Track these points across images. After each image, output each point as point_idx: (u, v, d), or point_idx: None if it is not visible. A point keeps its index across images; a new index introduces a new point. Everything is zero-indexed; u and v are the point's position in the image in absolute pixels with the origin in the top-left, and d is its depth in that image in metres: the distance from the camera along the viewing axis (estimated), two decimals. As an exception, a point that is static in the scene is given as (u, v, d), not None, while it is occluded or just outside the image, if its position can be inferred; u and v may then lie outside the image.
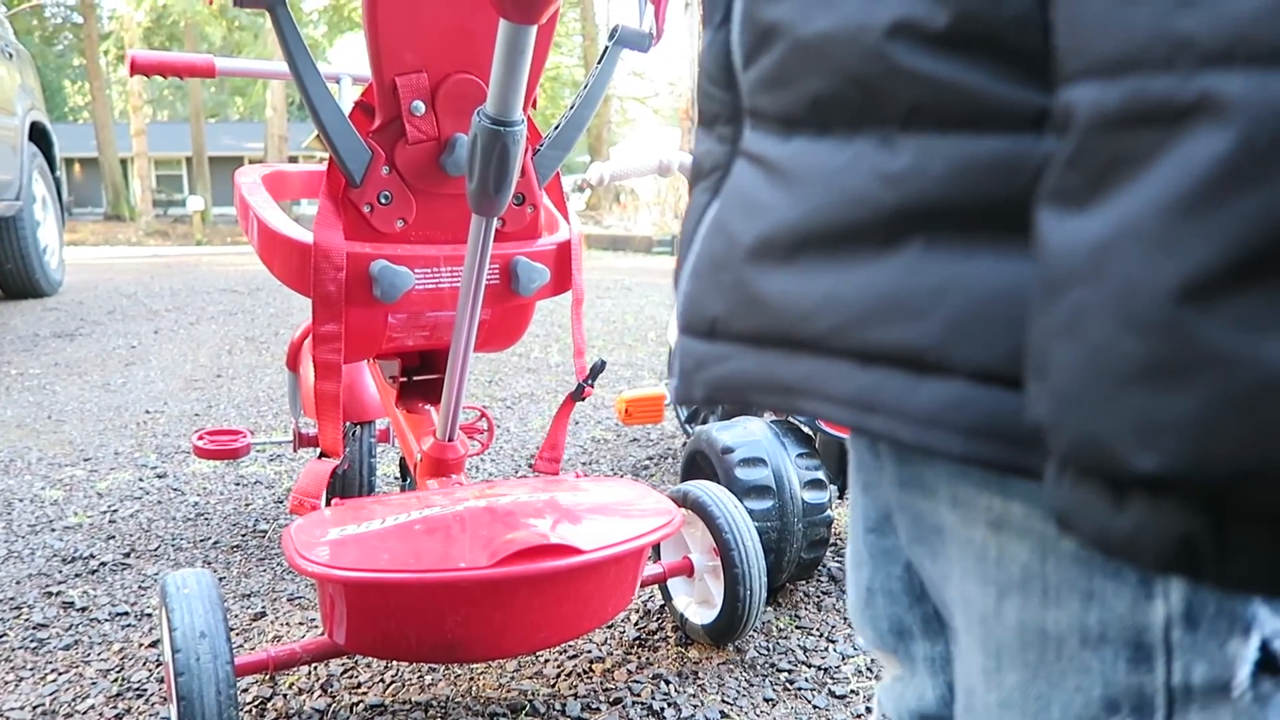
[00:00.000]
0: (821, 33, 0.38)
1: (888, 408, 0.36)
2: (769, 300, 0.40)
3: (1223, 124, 0.25)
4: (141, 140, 18.42)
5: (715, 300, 0.44)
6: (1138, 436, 0.27)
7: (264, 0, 1.05)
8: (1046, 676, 0.39)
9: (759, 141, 0.43)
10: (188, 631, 1.05)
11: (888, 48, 0.35)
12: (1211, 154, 0.25)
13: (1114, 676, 0.37)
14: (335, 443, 1.27)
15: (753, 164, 0.43)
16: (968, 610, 0.42)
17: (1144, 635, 0.36)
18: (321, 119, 1.14)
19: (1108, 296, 0.27)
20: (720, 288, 0.43)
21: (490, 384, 3.39)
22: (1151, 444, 0.26)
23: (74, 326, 4.45)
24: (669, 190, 12.82)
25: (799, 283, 0.39)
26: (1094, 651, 0.37)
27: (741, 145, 0.44)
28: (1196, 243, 0.25)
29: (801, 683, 1.34)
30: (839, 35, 0.37)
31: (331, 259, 1.16)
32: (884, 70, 0.35)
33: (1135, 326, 0.26)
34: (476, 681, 1.34)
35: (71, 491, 2.19)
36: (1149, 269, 0.26)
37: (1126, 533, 0.28)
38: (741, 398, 0.43)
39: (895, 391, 0.36)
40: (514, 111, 0.99)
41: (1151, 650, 0.36)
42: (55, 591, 1.65)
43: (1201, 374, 0.25)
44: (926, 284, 0.35)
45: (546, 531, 1.11)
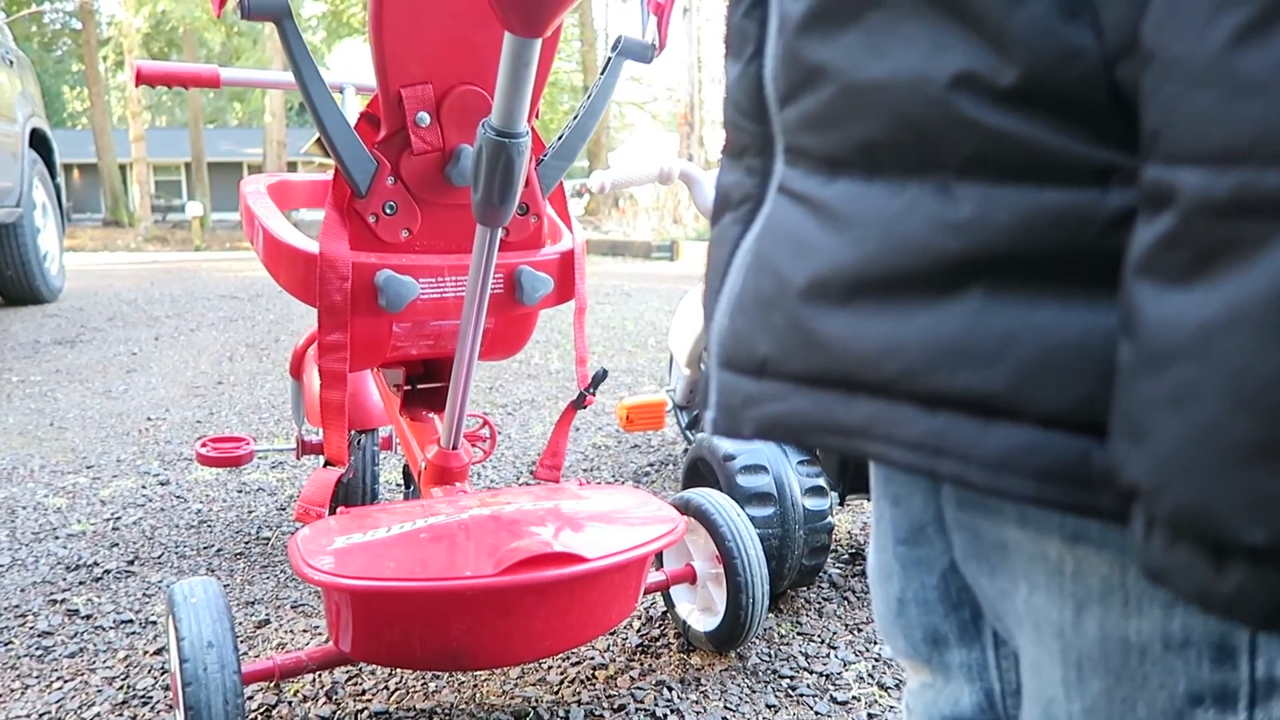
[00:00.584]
0: (876, 79, 0.38)
1: (956, 452, 0.37)
2: (828, 342, 0.41)
3: None
4: (140, 146, 18.44)
5: (765, 339, 0.44)
6: (1248, 510, 0.28)
7: (271, 13, 1.06)
8: (1130, 680, 0.40)
9: (800, 180, 0.43)
10: (195, 640, 1.05)
11: (951, 98, 0.36)
12: None
13: (1198, 674, 0.38)
14: (341, 451, 1.28)
15: (795, 202, 0.43)
16: (1040, 624, 0.43)
17: (1228, 639, 0.37)
18: (327, 130, 1.15)
19: (1218, 376, 0.28)
20: (771, 327, 0.44)
21: (491, 390, 3.39)
22: (1262, 519, 0.28)
23: (75, 333, 4.45)
24: (668, 196, 12.84)
25: (859, 326, 0.40)
26: (1178, 654, 0.38)
27: (778, 181, 0.45)
28: None
29: (803, 689, 1.34)
30: (896, 83, 0.38)
31: (337, 269, 1.17)
32: (945, 119, 0.36)
33: (1247, 408, 0.28)
34: (481, 689, 1.34)
35: (75, 499, 2.20)
36: (1260, 354, 0.27)
37: (1228, 595, 0.30)
38: (797, 438, 0.44)
39: (963, 436, 0.37)
40: (519, 123, 1.00)
41: (1235, 650, 0.37)
42: (60, 599, 1.66)
43: None
44: (993, 332, 0.36)
45: (551, 540, 1.11)
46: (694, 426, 2.56)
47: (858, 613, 1.59)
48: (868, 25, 0.39)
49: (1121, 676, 0.40)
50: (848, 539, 1.93)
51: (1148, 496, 0.31)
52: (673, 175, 2.10)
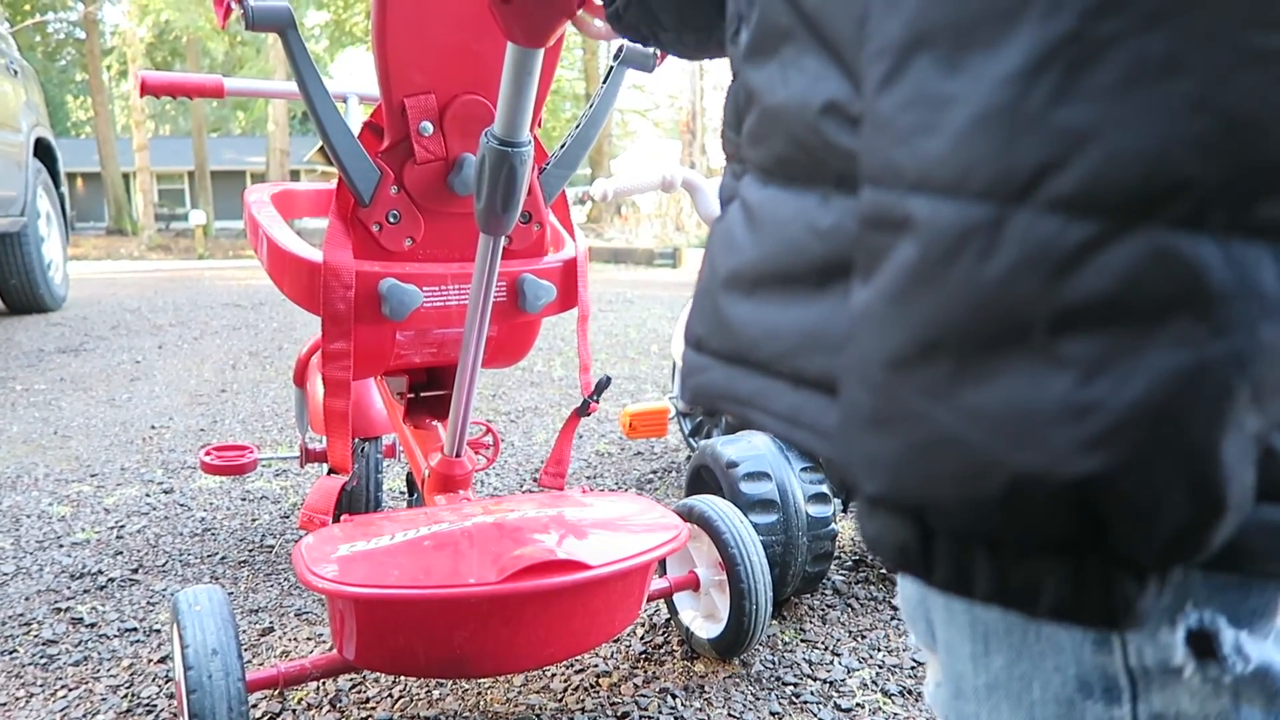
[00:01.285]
0: (781, 103, 0.45)
1: (807, 424, 0.43)
2: (733, 325, 0.47)
3: (915, 238, 0.32)
4: (144, 155, 18.50)
5: (699, 321, 0.51)
6: (866, 468, 0.35)
7: (276, 24, 1.07)
8: (1029, 657, 0.42)
9: (747, 186, 0.50)
10: (199, 649, 1.05)
11: (820, 122, 0.42)
12: (908, 260, 0.33)
13: (1083, 656, 0.41)
14: (344, 459, 1.28)
15: (740, 205, 0.50)
16: (951, 601, 0.46)
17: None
18: (331, 139, 1.16)
19: (855, 359, 0.36)
20: (704, 311, 0.50)
21: (494, 398, 3.40)
22: (872, 475, 0.35)
23: (78, 342, 4.47)
24: (670, 203, 12.86)
25: (754, 313, 0.46)
26: (1066, 631, 0.41)
27: (740, 186, 0.51)
28: (900, 326, 0.33)
29: (807, 696, 1.34)
30: (790, 107, 0.44)
31: (341, 277, 1.18)
32: (819, 140, 0.42)
33: (866, 385, 0.35)
34: (484, 696, 1.34)
35: (79, 507, 2.20)
36: (874, 342, 0.34)
37: (872, 535, 0.37)
38: (712, 404, 0.51)
39: (814, 411, 0.43)
40: (521, 132, 1.01)
41: (1108, 634, 0.40)
42: (64, 607, 1.66)
43: (899, 426, 0.34)
44: (841, 324, 0.41)
45: (554, 547, 1.12)
46: (697, 434, 2.56)
47: (861, 620, 1.59)
48: (781, 58, 0.45)
49: (1021, 652, 0.43)
50: (851, 546, 1.93)
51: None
52: (675, 183, 2.11)
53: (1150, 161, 0.29)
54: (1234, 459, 0.30)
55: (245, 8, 1.05)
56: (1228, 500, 0.31)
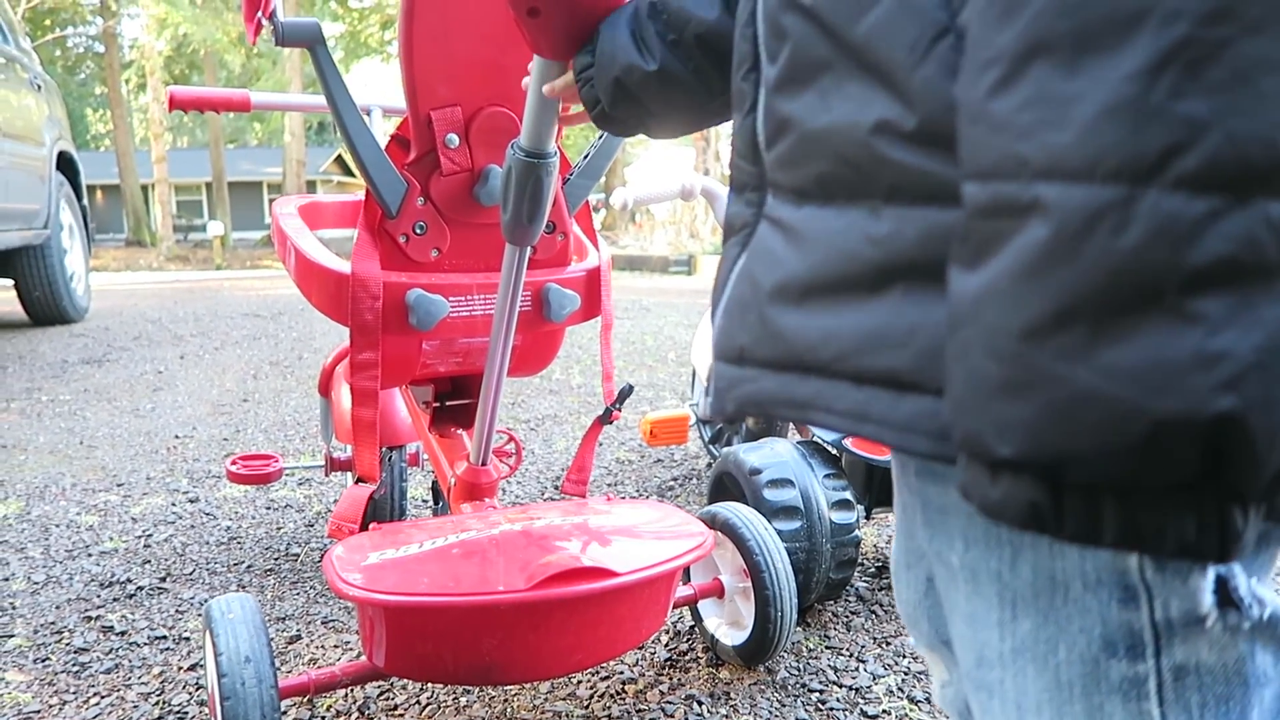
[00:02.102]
0: (824, 126, 0.49)
1: (876, 418, 0.47)
2: (784, 334, 0.51)
3: (1045, 219, 0.36)
4: (162, 167, 18.65)
5: (743, 333, 0.55)
6: (998, 433, 0.38)
7: (305, 40, 1.08)
8: (1055, 620, 0.46)
9: (778, 208, 0.54)
10: (233, 656, 1.07)
11: (872, 140, 0.46)
12: (1039, 239, 0.36)
13: (1110, 615, 0.44)
14: (372, 467, 1.29)
15: (773, 226, 0.54)
16: (978, 574, 0.49)
17: (1127, 576, 0.44)
18: (359, 152, 1.17)
19: (979, 334, 0.39)
20: (747, 324, 0.54)
21: (514, 406, 3.41)
22: (1007, 439, 0.38)
23: (101, 352, 4.51)
24: (685, 211, 12.87)
25: (807, 320, 0.50)
26: (1093, 593, 0.44)
27: (765, 210, 0.55)
28: (1033, 299, 0.37)
29: (833, 703, 1.34)
30: (836, 129, 0.48)
31: (369, 288, 1.19)
32: (870, 157, 0.46)
33: (995, 356, 0.38)
34: (511, 703, 1.35)
35: (106, 516, 2.23)
36: (1003, 316, 0.38)
37: (997, 501, 0.40)
38: (764, 411, 0.54)
39: (881, 405, 0.47)
40: (547, 144, 1.02)
41: (1136, 590, 0.44)
42: (94, 616, 1.68)
43: (1036, 390, 0.37)
44: (904, 323, 0.46)
45: (581, 554, 1.12)
46: (717, 440, 2.56)
47: (886, 626, 1.59)
48: (819, 86, 0.49)
49: (1048, 616, 0.46)
50: (874, 552, 1.93)
51: (952, 431, 0.41)
52: (694, 191, 2.12)
53: (1259, 144, 0.33)
54: None
55: (276, 24, 1.07)
56: None
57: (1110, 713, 0.45)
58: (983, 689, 0.51)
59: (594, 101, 0.82)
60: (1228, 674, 0.45)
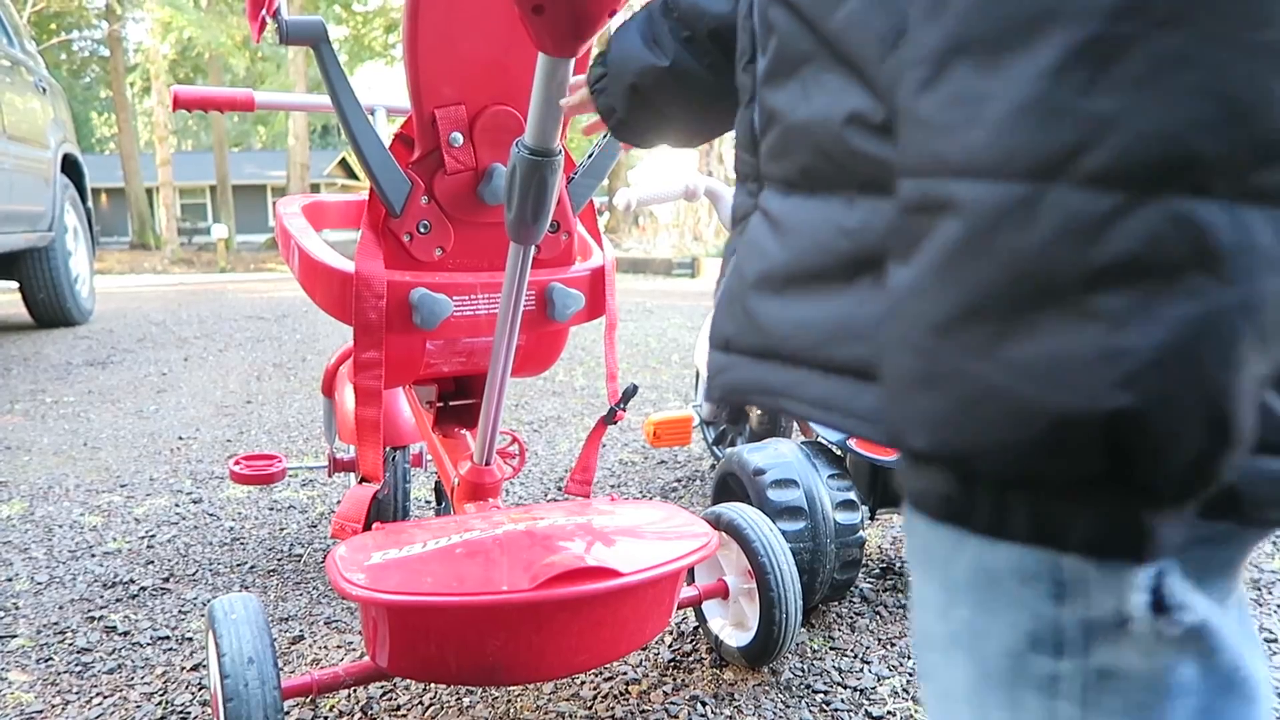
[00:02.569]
0: (804, 119, 0.50)
1: (839, 407, 0.48)
2: (763, 323, 0.53)
3: (959, 217, 0.37)
4: (167, 170, 18.71)
5: (729, 323, 0.56)
6: (914, 425, 0.39)
7: (309, 38, 1.08)
8: (988, 610, 0.45)
9: (768, 199, 0.55)
10: (236, 656, 1.06)
11: (845, 132, 0.47)
12: (953, 236, 0.37)
13: (1041, 611, 0.43)
14: (376, 467, 1.29)
15: (763, 216, 0.55)
16: (930, 557, 0.49)
17: (1059, 573, 0.43)
18: (363, 151, 1.17)
19: (902, 328, 0.39)
20: (733, 314, 0.56)
21: (517, 408, 3.41)
22: (920, 431, 0.39)
23: (105, 354, 4.51)
24: (688, 213, 12.88)
25: (784, 310, 0.51)
26: (1026, 587, 0.43)
27: (759, 200, 0.56)
28: (946, 295, 0.37)
29: (838, 704, 1.34)
30: (814, 122, 0.49)
31: (373, 287, 1.19)
32: (844, 149, 0.47)
33: (913, 350, 0.39)
34: (514, 704, 1.35)
35: (110, 517, 2.23)
36: (921, 311, 0.38)
37: (917, 491, 0.41)
38: (743, 398, 0.56)
39: (846, 395, 0.48)
40: (552, 142, 1.02)
41: (1066, 587, 0.43)
42: (97, 616, 1.68)
43: (945, 384, 0.37)
44: (870, 314, 0.46)
45: (585, 554, 1.12)
46: (721, 442, 2.56)
47: (890, 627, 1.58)
48: (802, 78, 0.50)
49: (982, 606, 0.45)
50: (879, 553, 1.93)
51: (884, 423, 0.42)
52: (698, 192, 2.12)
53: (1166, 140, 0.33)
54: (1242, 397, 0.35)
55: (280, 22, 1.06)
56: (1236, 433, 0.35)
57: (1029, 708, 0.44)
58: (923, 673, 0.51)
59: (609, 110, 0.82)
60: (1150, 681, 0.43)
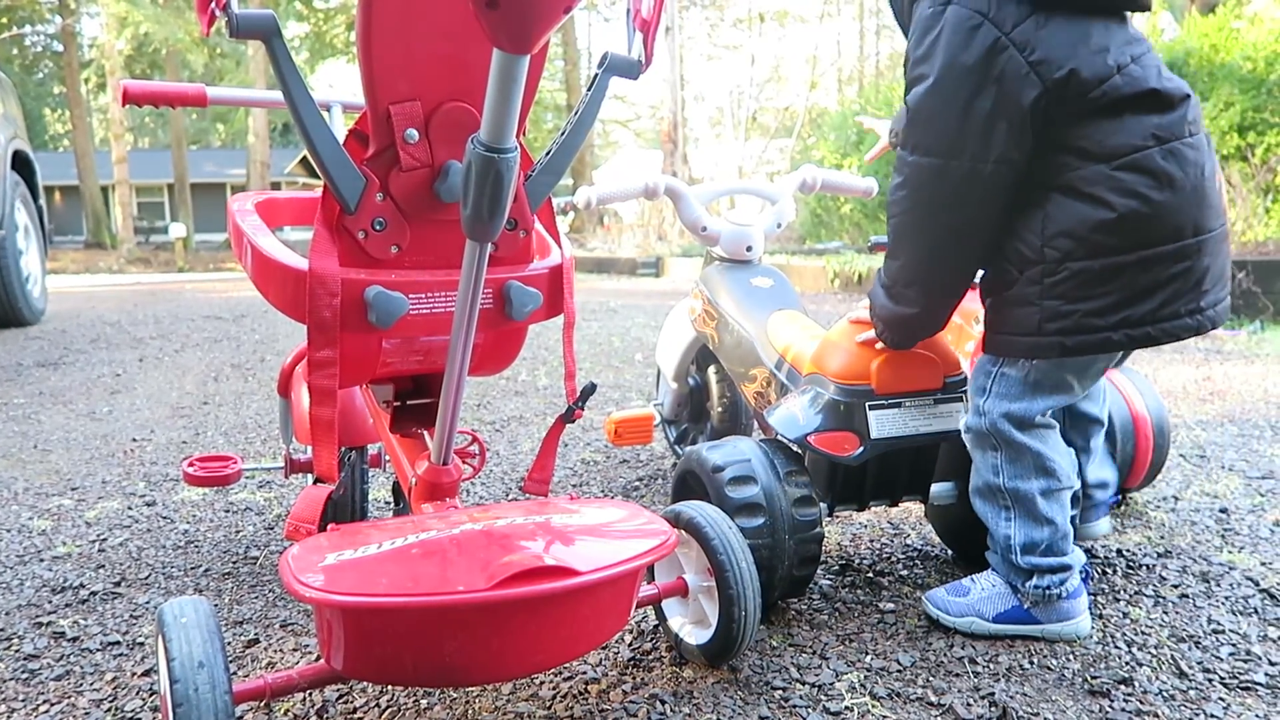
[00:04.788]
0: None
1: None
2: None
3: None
4: (123, 168, 18.36)
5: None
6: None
7: (260, 31, 1.06)
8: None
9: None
10: (185, 661, 1.04)
11: None
12: None
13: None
14: (331, 468, 1.27)
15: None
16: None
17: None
18: (316, 146, 1.15)
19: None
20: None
21: (479, 408, 3.39)
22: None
23: (58, 355, 4.42)
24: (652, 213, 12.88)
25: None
26: None
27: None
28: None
29: (796, 700, 1.34)
30: None
31: (326, 285, 1.17)
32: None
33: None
34: (472, 705, 1.34)
35: (59, 521, 2.18)
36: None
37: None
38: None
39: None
40: (507, 138, 1.01)
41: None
42: (45, 622, 1.64)
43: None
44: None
45: (543, 553, 1.11)
46: (682, 441, 2.56)
47: (849, 623, 1.59)
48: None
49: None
50: (838, 550, 1.94)
51: None
52: (658, 190, 2.11)
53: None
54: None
55: (230, 15, 1.04)
56: None
57: None
58: None
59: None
60: None
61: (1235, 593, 1.70)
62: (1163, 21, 9.42)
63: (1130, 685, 1.37)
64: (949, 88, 1.33)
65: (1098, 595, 1.69)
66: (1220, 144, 6.78)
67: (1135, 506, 2.20)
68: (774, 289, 2.08)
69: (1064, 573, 1.50)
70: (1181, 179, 1.33)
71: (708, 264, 2.23)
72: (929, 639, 1.53)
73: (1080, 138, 1.33)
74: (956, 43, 1.32)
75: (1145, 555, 1.88)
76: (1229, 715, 1.29)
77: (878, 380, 1.62)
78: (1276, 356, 4.43)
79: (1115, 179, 1.32)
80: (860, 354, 1.63)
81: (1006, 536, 1.51)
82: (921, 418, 1.65)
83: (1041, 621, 1.51)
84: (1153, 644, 1.50)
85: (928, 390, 1.65)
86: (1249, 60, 6.90)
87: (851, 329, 1.67)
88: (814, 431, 1.60)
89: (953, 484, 1.79)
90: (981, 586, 1.56)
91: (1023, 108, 1.31)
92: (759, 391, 1.92)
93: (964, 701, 1.33)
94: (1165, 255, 1.34)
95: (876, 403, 1.61)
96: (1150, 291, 1.35)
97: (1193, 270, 1.36)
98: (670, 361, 2.43)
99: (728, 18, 29.06)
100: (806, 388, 1.70)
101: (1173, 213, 1.33)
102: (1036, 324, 1.40)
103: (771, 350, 1.89)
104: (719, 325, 2.10)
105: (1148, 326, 1.36)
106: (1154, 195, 1.32)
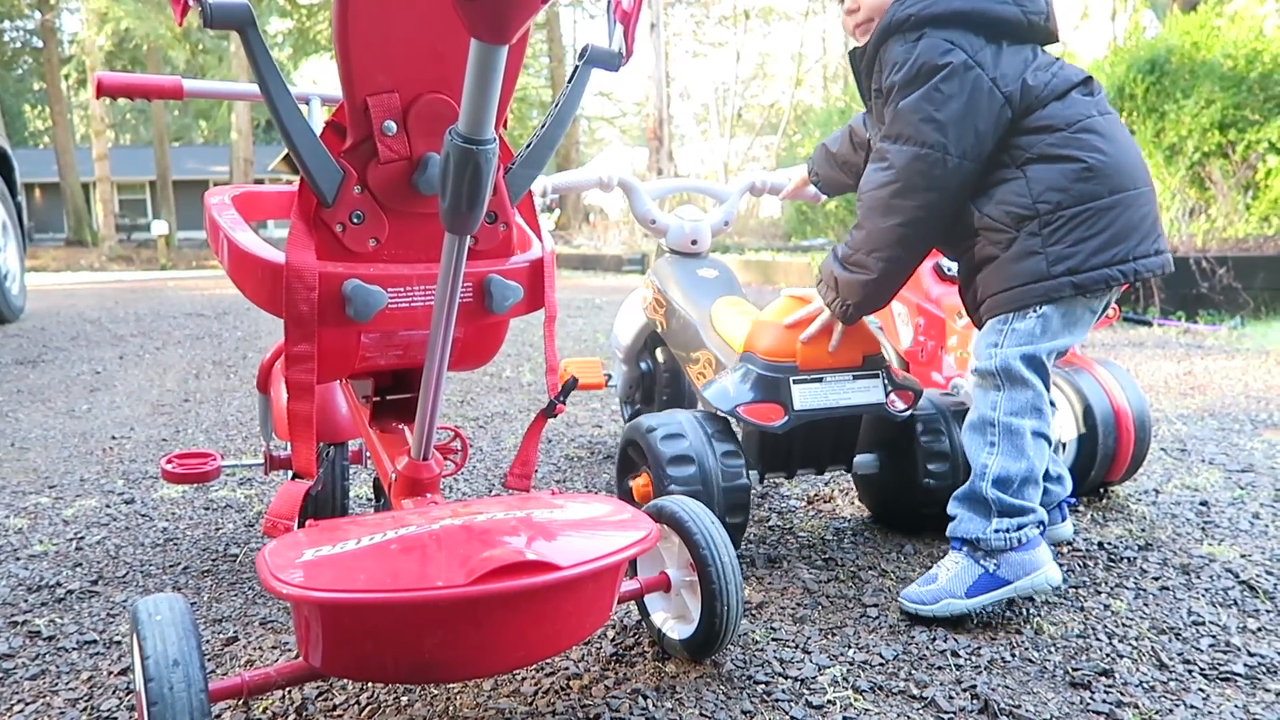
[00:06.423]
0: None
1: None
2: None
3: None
4: (104, 164, 18.21)
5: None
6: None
7: (235, 22, 1.05)
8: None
9: None
10: (160, 659, 1.03)
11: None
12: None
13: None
14: (309, 464, 1.26)
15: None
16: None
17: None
18: (293, 139, 1.14)
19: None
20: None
21: (462, 404, 3.38)
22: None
23: (37, 353, 4.38)
24: (638, 209, 12.85)
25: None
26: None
27: None
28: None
29: (779, 694, 1.34)
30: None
31: (304, 279, 1.16)
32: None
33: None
34: (453, 701, 1.33)
35: (36, 519, 2.16)
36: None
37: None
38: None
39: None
40: (486, 130, 1.00)
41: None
42: (21, 621, 1.62)
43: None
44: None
45: (523, 548, 1.10)
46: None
47: (832, 617, 1.59)
48: None
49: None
50: (820, 544, 1.94)
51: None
52: (612, 184, 2.25)
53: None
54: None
55: (204, 5, 1.03)
56: None
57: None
58: None
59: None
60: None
61: (1215, 585, 1.71)
62: (1145, 19, 9.48)
63: (1111, 677, 1.37)
64: (933, 95, 1.56)
65: (1079, 588, 1.70)
66: (1201, 141, 6.83)
67: (1116, 499, 2.22)
68: (718, 279, 2.24)
69: (1023, 516, 1.57)
70: (1119, 137, 1.61)
71: (659, 256, 2.38)
72: (911, 632, 1.53)
73: (1043, 119, 1.59)
74: (935, 60, 1.56)
75: (1126, 548, 1.89)
76: (1208, 706, 1.30)
77: (801, 357, 1.78)
78: (1256, 351, 4.47)
79: (1078, 139, 1.57)
80: (787, 334, 1.79)
81: (984, 466, 1.60)
82: (841, 392, 1.80)
83: (1011, 580, 1.56)
84: (1133, 636, 1.51)
85: (847, 367, 1.81)
86: (1230, 58, 6.96)
87: (785, 305, 1.84)
88: (744, 403, 1.76)
89: (874, 455, 1.99)
90: (947, 568, 1.60)
91: (989, 113, 1.56)
92: (700, 372, 2.08)
93: (946, 694, 1.33)
94: (1130, 200, 1.57)
95: (800, 378, 1.77)
96: (1128, 232, 1.57)
97: (1149, 214, 1.60)
98: (623, 345, 2.60)
99: (713, 14, 29.09)
100: (739, 365, 1.84)
101: (1123, 163, 1.59)
102: (1046, 269, 1.56)
103: (713, 333, 2.05)
104: (667, 312, 2.24)
105: (1133, 262, 1.57)
106: (1106, 148, 1.58)
